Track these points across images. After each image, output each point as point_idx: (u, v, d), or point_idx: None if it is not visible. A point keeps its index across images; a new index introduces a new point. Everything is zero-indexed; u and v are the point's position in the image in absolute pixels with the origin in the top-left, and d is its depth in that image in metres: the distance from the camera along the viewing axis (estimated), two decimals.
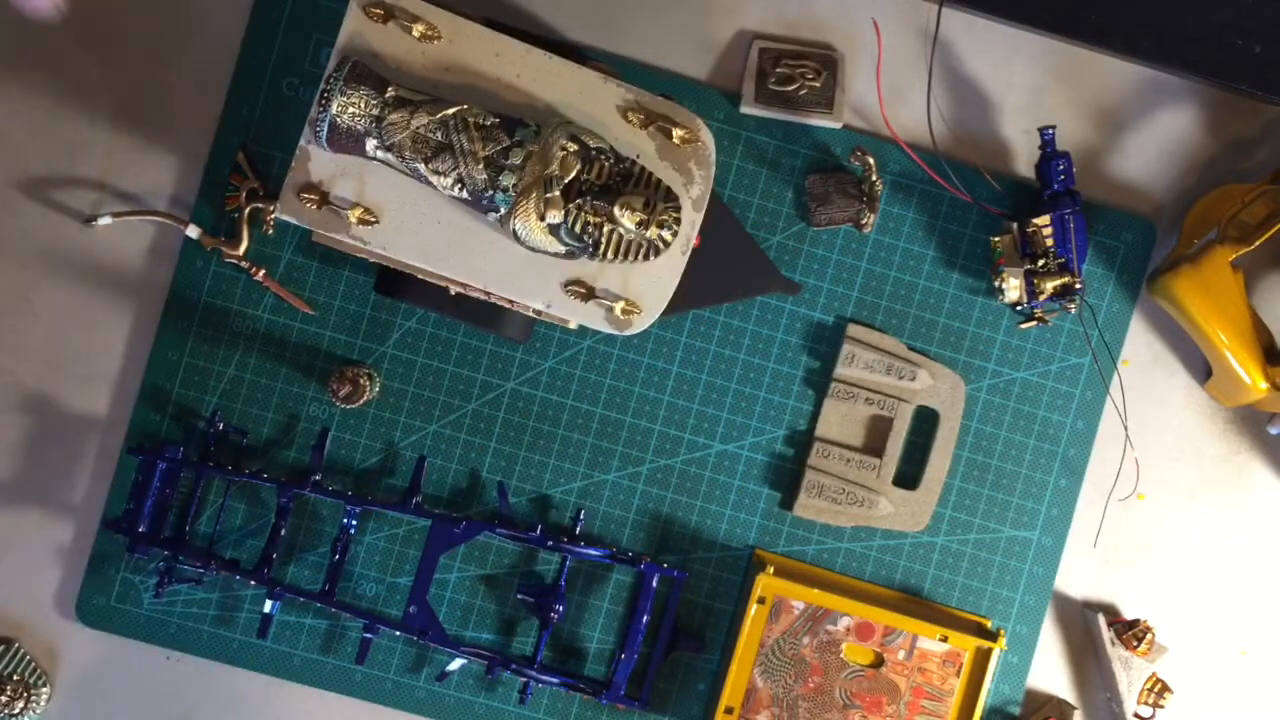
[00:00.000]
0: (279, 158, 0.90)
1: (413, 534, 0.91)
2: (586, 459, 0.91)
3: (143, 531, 0.88)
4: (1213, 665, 0.93)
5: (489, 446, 0.91)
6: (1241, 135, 0.92)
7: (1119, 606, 0.93)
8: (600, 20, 0.90)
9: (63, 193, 0.90)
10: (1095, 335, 0.91)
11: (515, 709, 0.91)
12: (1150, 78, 0.91)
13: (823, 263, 0.91)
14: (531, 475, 0.91)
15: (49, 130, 0.90)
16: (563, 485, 0.91)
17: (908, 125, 0.91)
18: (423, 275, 0.80)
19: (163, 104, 0.90)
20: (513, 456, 0.91)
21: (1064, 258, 0.85)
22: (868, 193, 0.88)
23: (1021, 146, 0.91)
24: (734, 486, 0.91)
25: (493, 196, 0.75)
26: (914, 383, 0.90)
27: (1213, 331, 0.86)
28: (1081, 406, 0.92)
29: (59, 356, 0.91)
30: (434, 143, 0.74)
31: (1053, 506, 0.92)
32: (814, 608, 0.88)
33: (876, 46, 0.90)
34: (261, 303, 0.90)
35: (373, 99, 0.74)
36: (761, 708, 0.89)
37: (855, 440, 0.91)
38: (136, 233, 0.90)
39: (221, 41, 0.90)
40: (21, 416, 0.91)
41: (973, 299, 0.91)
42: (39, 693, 0.90)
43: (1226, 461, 0.93)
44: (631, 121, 0.78)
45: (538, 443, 0.91)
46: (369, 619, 0.88)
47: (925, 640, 0.89)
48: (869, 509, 0.90)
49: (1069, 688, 0.93)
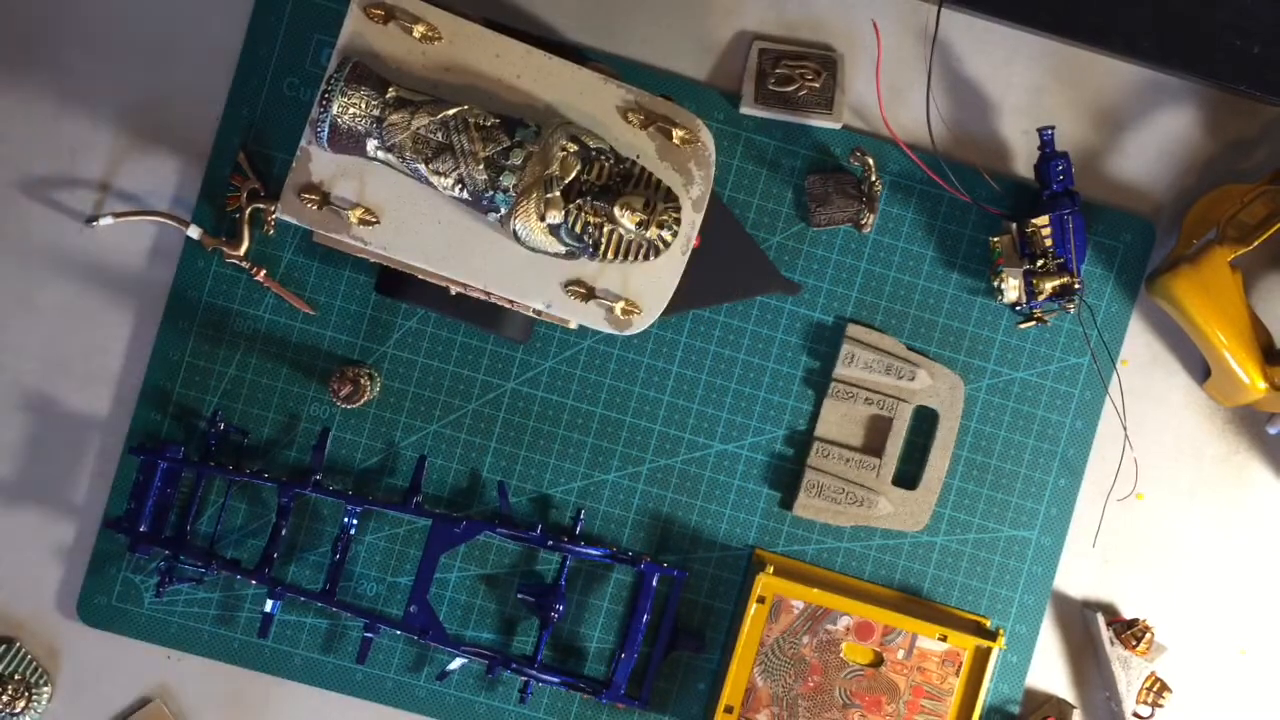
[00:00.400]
0: (280, 158, 0.90)
1: (413, 534, 0.91)
2: (586, 459, 0.91)
3: (144, 531, 0.88)
4: (1212, 665, 0.93)
5: (489, 446, 0.91)
6: (1241, 135, 0.92)
7: (1118, 606, 0.93)
8: (600, 21, 0.91)
9: (64, 193, 0.90)
10: (1094, 335, 0.91)
11: (515, 708, 0.91)
12: (1150, 78, 0.91)
13: (822, 263, 0.91)
14: (532, 475, 0.91)
15: (51, 131, 0.90)
16: (563, 485, 0.91)
17: (907, 126, 0.91)
18: (423, 275, 0.80)
19: (164, 105, 0.90)
20: (513, 456, 0.91)
21: (1063, 258, 0.85)
22: (867, 193, 0.88)
23: (1021, 147, 0.92)
24: (734, 486, 0.92)
25: (493, 197, 0.75)
26: (913, 383, 0.90)
27: (1211, 331, 0.86)
28: (1080, 406, 0.92)
29: (60, 356, 0.91)
30: (434, 143, 0.74)
31: (1052, 506, 0.92)
32: (814, 607, 0.89)
33: (876, 47, 0.90)
34: (262, 303, 0.90)
35: (373, 99, 0.74)
36: (761, 707, 0.89)
37: (855, 440, 0.91)
38: (138, 233, 0.91)
39: (222, 42, 0.90)
40: (23, 416, 0.91)
41: (972, 299, 0.91)
42: (40, 692, 0.90)
43: (1225, 461, 0.93)
44: (631, 122, 0.78)
45: (538, 443, 0.91)
46: (369, 618, 0.88)
47: (925, 640, 0.89)
48: (868, 509, 0.90)
49: (1068, 687, 0.93)
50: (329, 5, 0.90)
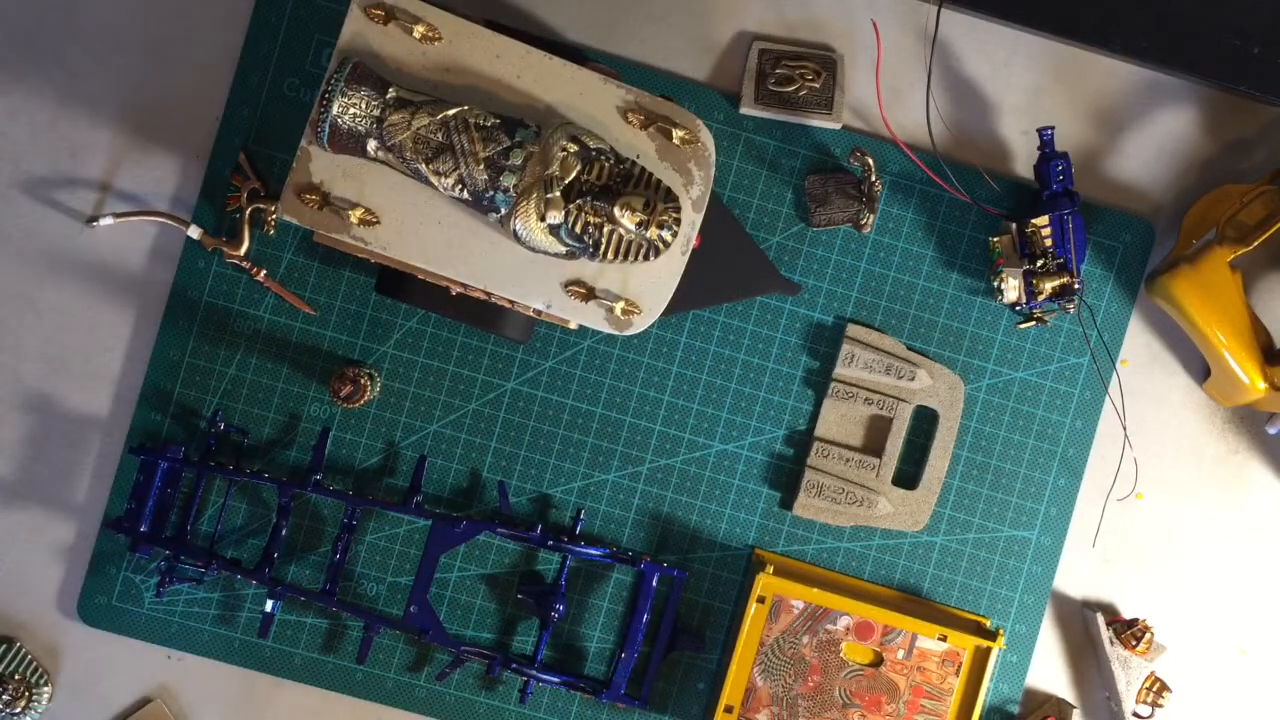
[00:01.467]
0: (280, 158, 0.90)
1: (413, 533, 0.91)
2: (586, 459, 0.91)
3: (144, 531, 0.88)
4: (1211, 664, 0.93)
5: (489, 446, 0.91)
6: (1240, 135, 0.92)
7: (1118, 606, 0.93)
8: (600, 21, 0.91)
9: (65, 193, 0.90)
10: (1094, 335, 0.91)
11: (515, 708, 0.91)
12: (1150, 78, 0.91)
13: (822, 263, 0.91)
14: (531, 475, 0.91)
15: (52, 131, 0.90)
16: (563, 485, 0.92)
17: (907, 126, 0.91)
18: (423, 275, 0.80)
19: (164, 105, 0.90)
20: (513, 456, 0.91)
21: (1063, 258, 0.86)
22: (867, 193, 0.88)
23: (1020, 147, 0.92)
24: (734, 486, 0.92)
25: (493, 197, 0.75)
26: (913, 383, 0.90)
27: (1211, 332, 0.86)
28: (1080, 406, 0.92)
29: (61, 356, 0.91)
30: (435, 143, 0.75)
31: (1052, 506, 0.92)
32: (813, 607, 0.89)
33: (876, 47, 0.90)
34: (262, 303, 0.90)
35: (374, 100, 0.74)
36: (761, 707, 0.89)
37: (855, 440, 0.91)
38: (138, 233, 0.91)
39: (223, 43, 0.90)
40: (23, 416, 0.91)
41: (972, 299, 0.91)
42: (40, 692, 0.90)
43: (1225, 461, 0.93)
44: (631, 122, 0.78)
45: (538, 442, 0.91)
46: (370, 618, 0.88)
47: (924, 639, 0.89)
48: (868, 509, 0.90)
49: (1068, 687, 0.93)
50: (329, 5, 0.90)
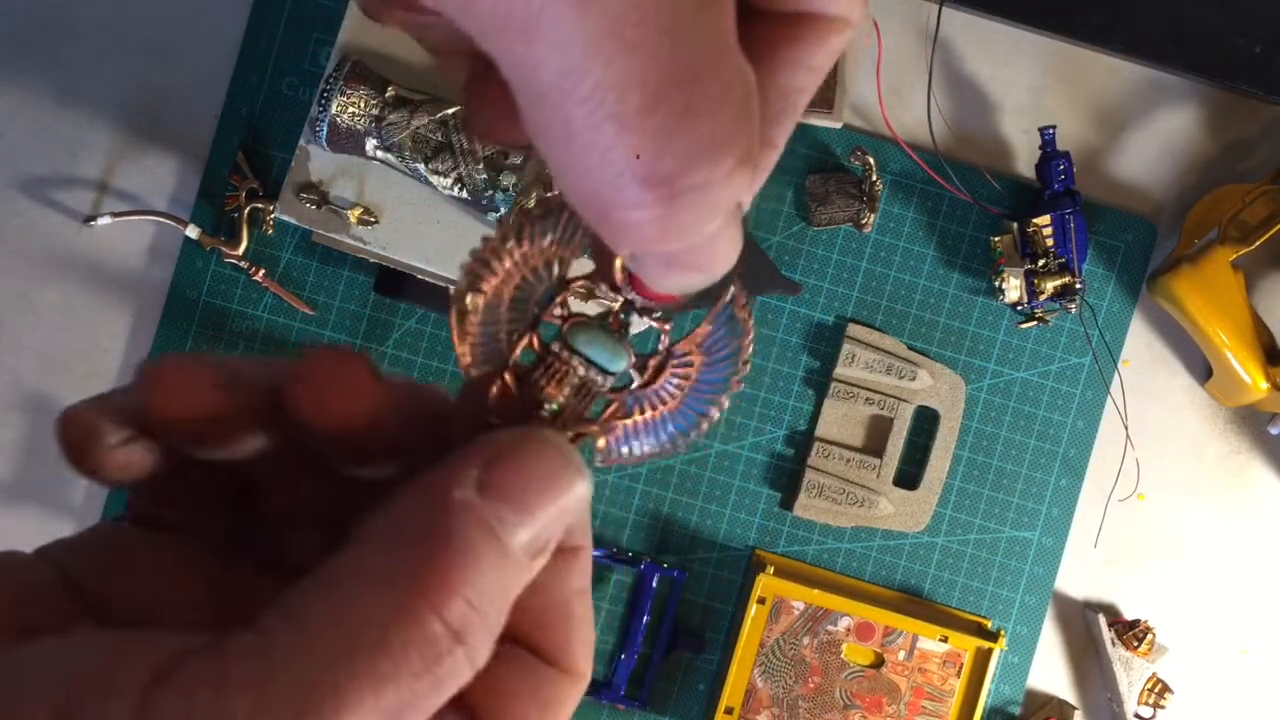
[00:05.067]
0: (279, 158, 0.90)
1: None
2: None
3: None
4: (1213, 665, 0.93)
5: None
6: (1241, 135, 0.92)
7: (1119, 607, 0.93)
8: None
9: (62, 192, 0.90)
10: (1095, 335, 0.91)
11: None
12: (1150, 78, 0.91)
13: (823, 263, 0.91)
14: None
15: (49, 130, 0.90)
16: None
17: (908, 125, 0.91)
18: (423, 275, 0.80)
19: (162, 104, 0.90)
20: None
21: (1064, 258, 0.85)
22: (868, 193, 0.88)
23: (1021, 146, 0.91)
24: (734, 486, 0.91)
25: (493, 196, 0.74)
26: (914, 383, 0.90)
27: (1213, 331, 0.86)
28: (1082, 406, 0.91)
29: (59, 356, 0.91)
30: (434, 142, 0.74)
31: (1053, 506, 0.92)
32: (814, 608, 0.88)
33: (876, 47, 0.90)
34: (261, 303, 0.90)
35: (372, 98, 0.74)
36: (761, 708, 0.89)
37: (855, 440, 0.91)
38: (136, 232, 0.90)
39: (221, 41, 0.90)
40: (21, 416, 0.91)
41: (973, 299, 0.91)
42: None
43: (1227, 461, 0.93)
44: None
45: None
46: None
47: (925, 640, 0.88)
48: (869, 509, 0.90)
49: (1069, 688, 0.93)
50: (328, 4, 0.90)
